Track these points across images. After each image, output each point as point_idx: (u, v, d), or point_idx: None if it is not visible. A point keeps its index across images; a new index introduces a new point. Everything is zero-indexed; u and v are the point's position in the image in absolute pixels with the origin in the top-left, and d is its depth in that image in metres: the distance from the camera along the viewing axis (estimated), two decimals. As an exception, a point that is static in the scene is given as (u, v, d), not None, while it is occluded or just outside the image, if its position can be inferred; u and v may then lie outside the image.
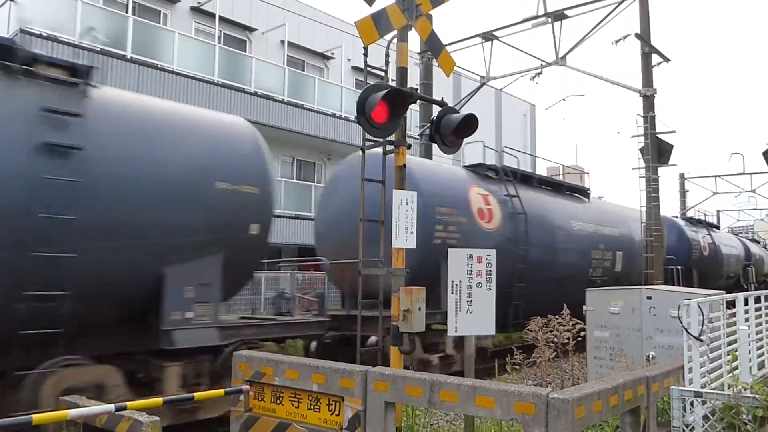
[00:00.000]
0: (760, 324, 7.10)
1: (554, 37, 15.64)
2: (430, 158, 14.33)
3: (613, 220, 16.12)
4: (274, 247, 15.99)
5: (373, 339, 9.53)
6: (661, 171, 15.20)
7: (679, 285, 17.47)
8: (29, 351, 5.87)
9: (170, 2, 19.17)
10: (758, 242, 35.16)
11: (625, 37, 15.37)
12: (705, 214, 29.24)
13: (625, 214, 17.04)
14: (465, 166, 12.92)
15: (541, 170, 35.47)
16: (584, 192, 16.22)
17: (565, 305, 8.15)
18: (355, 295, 7.75)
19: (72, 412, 4.21)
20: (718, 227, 28.65)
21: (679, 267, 19.01)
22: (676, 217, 23.83)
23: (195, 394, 5.36)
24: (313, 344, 9.66)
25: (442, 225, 10.28)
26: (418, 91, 8.30)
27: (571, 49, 15.66)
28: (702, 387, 4.81)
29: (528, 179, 13.74)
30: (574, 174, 16.51)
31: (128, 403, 4.45)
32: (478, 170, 12.43)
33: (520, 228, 12.03)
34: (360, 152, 7.18)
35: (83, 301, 6.14)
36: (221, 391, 5.25)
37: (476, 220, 11.07)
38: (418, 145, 16.38)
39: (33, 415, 3.82)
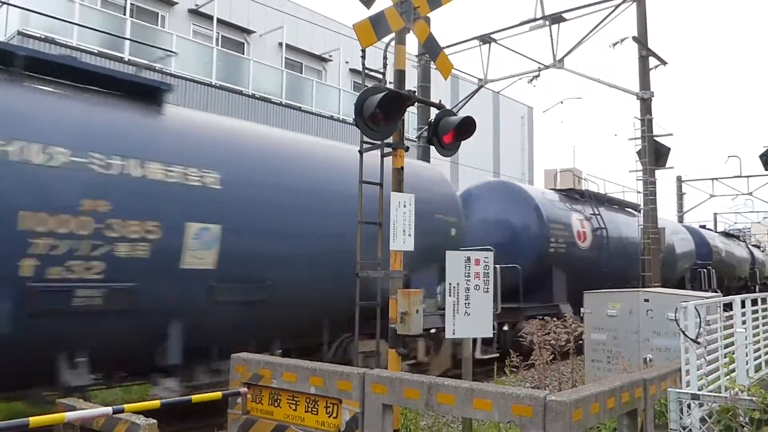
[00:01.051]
0: (757, 326, 7.11)
1: (552, 40, 15.69)
2: (428, 161, 14.35)
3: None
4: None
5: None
6: (659, 174, 15.28)
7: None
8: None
9: (168, 4, 19.18)
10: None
11: (622, 41, 15.41)
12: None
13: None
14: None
15: (538, 172, 35.60)
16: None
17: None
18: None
19: (69, 415, 4.20)
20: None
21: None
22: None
23: (192, 396, 5.34)
24: None
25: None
26: (416, 93, 8.31)
27: (569, 52, 15.71)
28: (699, 389, 4.82)
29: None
30: (569, 176, 16.51)
31: (126, 406, 4.44)
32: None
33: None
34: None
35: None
36: (219, 393, 5.24)
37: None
38: (416, 147, 16.39)
39: (30, 418, 3.80)
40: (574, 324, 8.21)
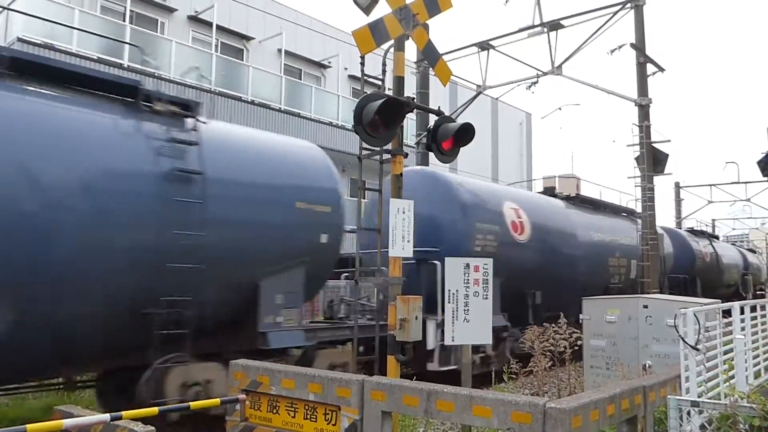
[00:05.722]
0: (756, 333, 7.10)
1: (550, 46, 15.75)
2: (427, 166, 14.38)
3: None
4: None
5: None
6: (657, 180, 15.31)
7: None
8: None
9: (167, 11, 19.22)
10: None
11: (620, 47, 15.47)
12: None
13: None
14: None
15: (538, 180, 35.59)
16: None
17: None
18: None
19: (67, 422, 4.18)
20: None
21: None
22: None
23: (191, 403, 5.33)
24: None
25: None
26: (415, 100, 8.32)
27: (567, 59, 15.77)
28: (699, 396, 4.81)
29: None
30: (568, 182, 16.48)
31: (123, 413, 4.43)
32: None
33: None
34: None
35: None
36: (217, 400, 5.23)
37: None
38: (415, 153, 16.41)
39: (27, 426, 3.79)
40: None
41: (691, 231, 23.88)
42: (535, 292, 12.46)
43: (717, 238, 27.70)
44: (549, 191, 15.60)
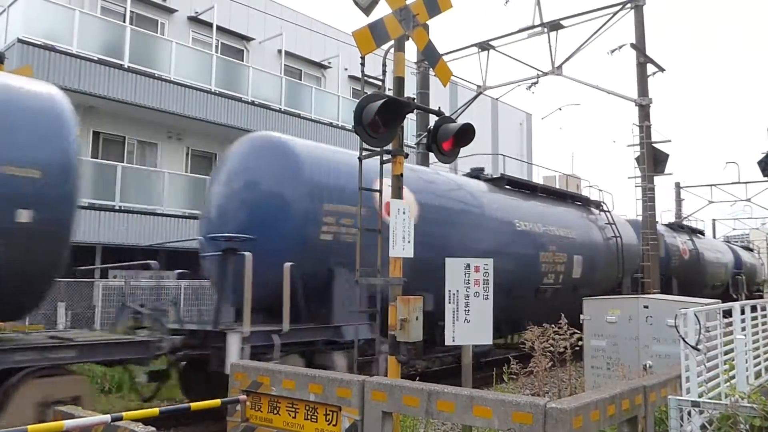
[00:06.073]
0: (757, 333, 7.10)
1: (550, 46, 15.77)
2: (427, 167, 14.36)
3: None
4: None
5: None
6: (657, 180, 15.31)
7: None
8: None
9: (168, 12, 19.23)
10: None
11: (620, 47, 15.49)
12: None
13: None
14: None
15: (537, 179, 35.58)
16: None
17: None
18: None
19: (68, 423, 4.18)
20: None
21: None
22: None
23: (191, 404, 5.33)
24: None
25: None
26: (415, 100, 8.32)
27: (567, 59, 15.79)
28: (699, 396, 4.81)
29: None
30: (571, 182, 16.35)
31: (124, 414, 4.43)
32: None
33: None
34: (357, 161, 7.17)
35: None
36: (218, 401, 5.23)
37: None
38: (415, 153, 16.41)
39: (28, 426, 3.79)
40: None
41: (669, 225, 21.77)
42: (423, 294, 8.73)
43: (702, 233, 25.77)
44: (475, 171, 13.09)
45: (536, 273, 12.57)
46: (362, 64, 6.86)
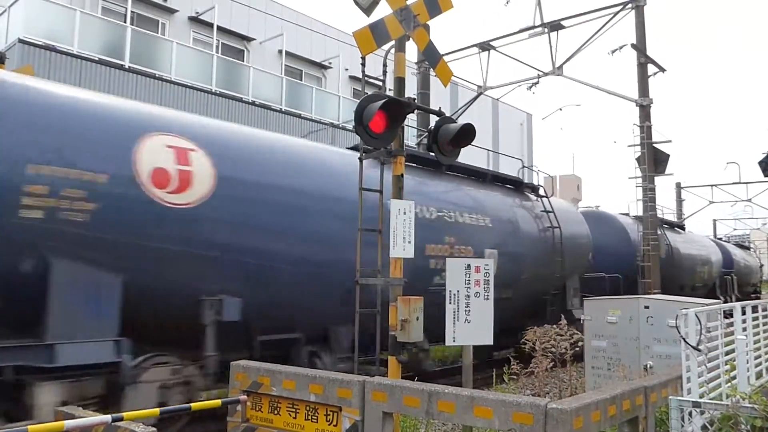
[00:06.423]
0: (758, 333, 7.10)
1: (551, 47, 15.76)
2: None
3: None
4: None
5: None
6: (658, 180, 15.29)
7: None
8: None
9: (168, 12, 19.24)
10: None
11: (621, 48, 15.49)
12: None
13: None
14: None
15: (540, 181, 35.57)
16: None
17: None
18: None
19: (68, 423, 4.18)
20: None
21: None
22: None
23: (192, 404, 5.32)
24: None
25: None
26: (416, 100, 8.32)
27: (568, 59, 15.78)
28: (700, 397, 4.81)
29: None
30: (571, 183, 16.33)
31: (124, 414, 4.43)
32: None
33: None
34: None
35: None
36: (218, 401, 5.22)
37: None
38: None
39: (29, 426, 3.79)
40: None
41: (638, 218, 16.70)
42: (222, 299, 6.75)
43: (681, 228, 22.39)
44: (354, 149, 9.02)
45: (424, 272, 8.93)
46: (363, 65, 6.87)
